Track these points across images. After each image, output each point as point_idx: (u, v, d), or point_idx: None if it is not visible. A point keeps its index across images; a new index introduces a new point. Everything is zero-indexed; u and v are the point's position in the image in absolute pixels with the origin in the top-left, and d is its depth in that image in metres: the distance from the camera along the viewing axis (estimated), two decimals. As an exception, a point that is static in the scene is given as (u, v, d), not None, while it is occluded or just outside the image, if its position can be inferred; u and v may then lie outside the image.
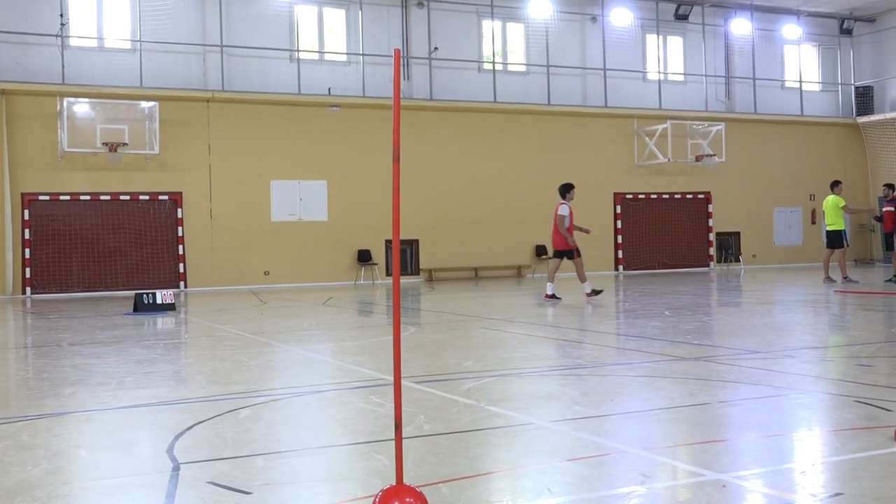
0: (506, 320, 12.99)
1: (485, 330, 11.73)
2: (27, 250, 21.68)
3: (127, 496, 4.30)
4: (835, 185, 19.75)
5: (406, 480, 3.91)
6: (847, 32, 31.53)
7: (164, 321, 14.58)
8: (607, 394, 6.80)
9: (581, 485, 4.30)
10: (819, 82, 31.72)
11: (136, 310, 15.92)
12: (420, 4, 25.57)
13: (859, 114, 31.15)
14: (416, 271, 25.46)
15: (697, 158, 27.76)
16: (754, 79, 29.97)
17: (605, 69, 27.64)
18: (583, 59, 27.67)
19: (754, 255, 29.57)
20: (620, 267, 27.58)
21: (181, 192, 23.08)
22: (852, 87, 31.69)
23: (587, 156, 27.17)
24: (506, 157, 26.36)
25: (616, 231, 27.67)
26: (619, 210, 27.72)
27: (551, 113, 26.85)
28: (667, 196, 28.27)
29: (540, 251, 26.47)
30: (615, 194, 27.64)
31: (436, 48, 25.61)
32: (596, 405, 6.28)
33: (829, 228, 19.52)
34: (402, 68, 24.64)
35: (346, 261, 24.67)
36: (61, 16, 21.99)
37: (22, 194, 21.66)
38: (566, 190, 16.29)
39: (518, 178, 26.46)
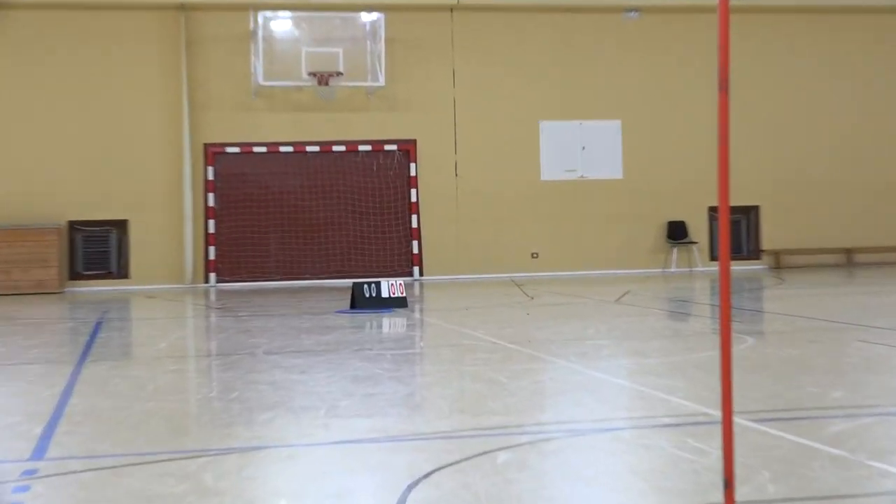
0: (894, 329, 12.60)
1: (863, 344, 11.46)
2: (211, 222, 23.44)
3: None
4: None
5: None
6: None
7: (391, 322, 15.09)
8: None
9: None
10: None
11: (353, 306, 16.55)
12: None
13: None
14: (755, 254, 25.38)
15: None
16: None
17: None
18: None
19: None
20: None
21: (415, 140, 23.97)
22: None
23: None
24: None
25: None
26: None
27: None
28: None
29: (949, 225, 25.59)
30: None
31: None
32: None
33: None
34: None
35: (650, 238, 24.86)
36: None
37: (205, 146, 23.38)
38: None
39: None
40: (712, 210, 24.81)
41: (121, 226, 23.38)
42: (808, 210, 25.41)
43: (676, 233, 24.87)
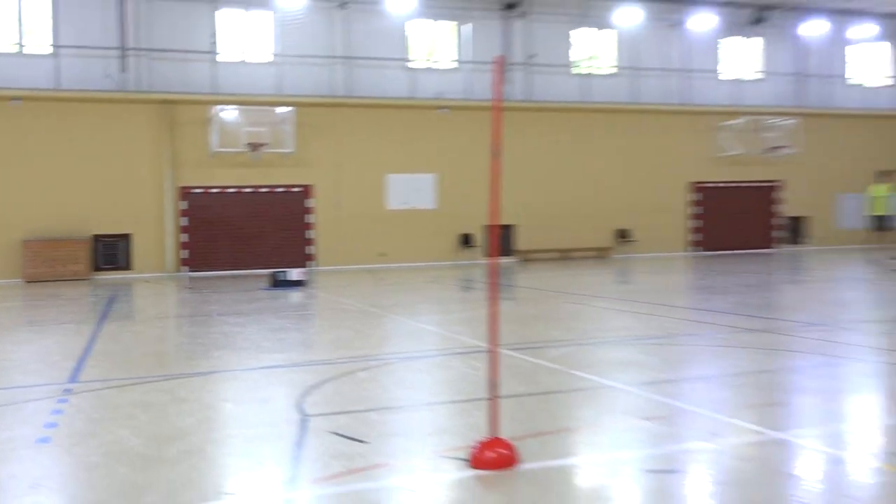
0: (590, 296, 13.77)
1: (571, 304, 12.43)
2: (184, 235, 25.13)
3: (264, 443, 4.87)
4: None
5: (500, 434, 4.23)
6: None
7: (295, 296, 15.71)
8: (680, 361, 7.10)
9: (653, 441, 4.58)
10: (892, 77, 33.07)
11: (272, 286, 17.56)
12: (522, 14, 27.89)
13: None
14: (511, 253, 27.72)
15: (770, 150, 29.63)
16: (824, 76, 31.50)
17: (686, 70, 29.73)
18: (666, 60, 29.69)
19: (818, 237, 31.34)
20: (692, 248, 29.89)
21: (311, 185, 26.17)
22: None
23: (668, 149, 29.62)
24: (594, 151, 28.82)
25: (690, 216, 30.10)
26: (696, 197, 29.96)
27: (638, 111, 29.22)
28: (740, 185, 30.26)
29: (621, 234, 29.15)
30: (691, 183, 30.07)
31: (534, 55, 28.23)
32: (670, 371, 6.61)
33: None
34: (504, 73, 23.01)
35: (451, 244, 27.15)
36: (213, 35, 25.45)
37: (180, 188, 24.93)
38: None
39: (605, 169, 28.97)
40: (487, 227, 26.18)
41: (126, 237, 24.47)
42: (542, 226, 27.81)
43: (466, 240, 26.97)
